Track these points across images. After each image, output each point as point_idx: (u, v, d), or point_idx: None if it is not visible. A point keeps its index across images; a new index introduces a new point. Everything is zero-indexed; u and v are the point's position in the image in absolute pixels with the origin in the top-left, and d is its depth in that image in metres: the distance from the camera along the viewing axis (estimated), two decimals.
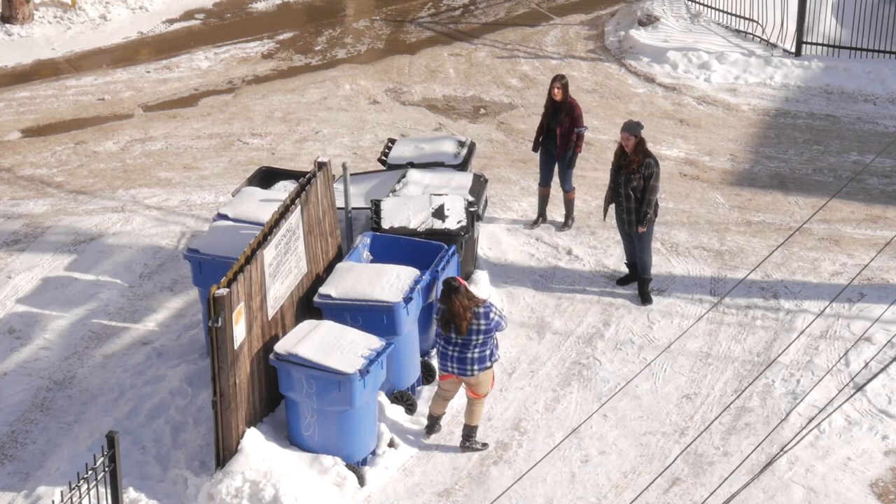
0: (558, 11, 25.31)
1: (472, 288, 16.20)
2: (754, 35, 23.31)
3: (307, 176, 14.97)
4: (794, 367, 15.24)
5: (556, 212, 18.26)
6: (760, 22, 23.33)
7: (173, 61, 23.31)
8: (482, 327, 13.58)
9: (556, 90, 17.24)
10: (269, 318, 13.82)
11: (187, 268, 16.08)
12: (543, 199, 17.92)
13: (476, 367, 13.71)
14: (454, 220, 15.62)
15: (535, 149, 17.71)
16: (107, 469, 11.58)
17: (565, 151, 17.43)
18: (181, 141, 20.56)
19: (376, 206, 15.73)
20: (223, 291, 12.74)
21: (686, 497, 13.40)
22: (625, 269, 16.79)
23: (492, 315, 13.63)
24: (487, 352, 13.73)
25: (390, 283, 14.22)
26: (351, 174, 16.30)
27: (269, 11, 25.50)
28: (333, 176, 15.59)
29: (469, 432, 14.06)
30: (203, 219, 18.07)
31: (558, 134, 17.32)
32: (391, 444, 13.90)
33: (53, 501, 12.00)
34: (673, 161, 19.83)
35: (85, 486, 11.29)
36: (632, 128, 16.02)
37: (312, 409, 13.35)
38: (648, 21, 23.95)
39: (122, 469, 11.94)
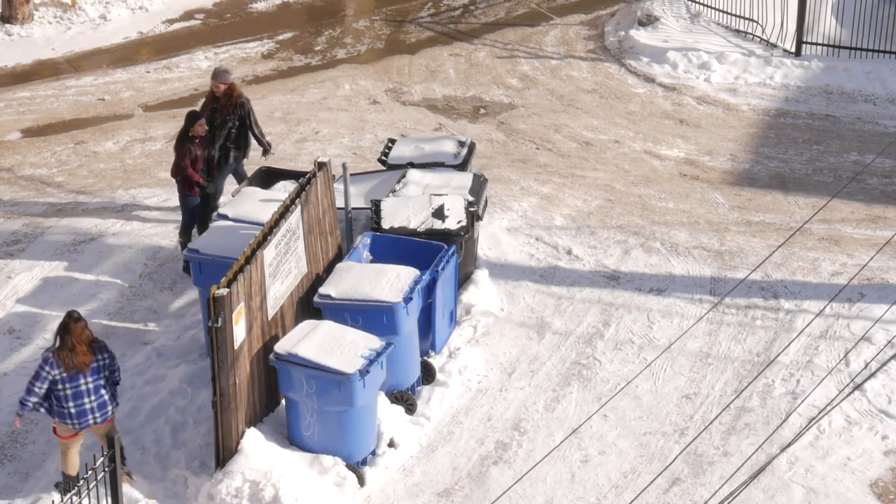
0: (558, 11, 25.30)
1: (472, 288, 16.23)
2: (754, 35, 23.31)
3: (307, 176, 14.97)
4: (794, 367, 15.23)
5: (555, 212, 18.27)
6: (760, 22, 23.32)
7: (173, 61, 23.30)
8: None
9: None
10: (269, 318, 13.82)
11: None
12: None
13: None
14: (454, 220, 15.61)
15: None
16: (107, 469, 11.59)
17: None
18: None
19: (376, 206, 15.72)
20: (223, 291, 12.74)
21: (686, 497, 13.40)
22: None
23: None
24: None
25: (390, 283, 14.22)
26: (351, 174, 16.30)
27: (269, 11, 25.49)
28: (333, 176, 15.59)
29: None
30: None
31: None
32: (391, 444, 13.90)
33: (53, 501, 12.00)
34: (673, 161, 19.83)
35: (85, 486, 11.30)
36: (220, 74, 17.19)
37: (312, 409, 13.35)
38: (648, 21, 23.95)
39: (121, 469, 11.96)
